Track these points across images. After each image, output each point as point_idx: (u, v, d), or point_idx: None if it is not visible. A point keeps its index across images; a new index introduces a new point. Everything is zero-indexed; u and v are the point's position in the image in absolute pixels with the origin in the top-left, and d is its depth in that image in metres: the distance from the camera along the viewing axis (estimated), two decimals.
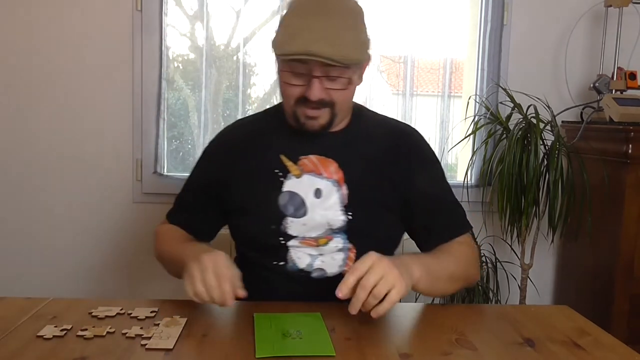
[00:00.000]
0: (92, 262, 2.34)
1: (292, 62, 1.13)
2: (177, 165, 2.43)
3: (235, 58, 2.38)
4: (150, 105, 2.28)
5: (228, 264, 1.03)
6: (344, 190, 1.22)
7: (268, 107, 1.40)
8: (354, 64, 1.14)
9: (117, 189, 2.31)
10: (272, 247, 1.22)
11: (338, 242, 1.22)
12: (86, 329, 0.98)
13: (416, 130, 1.36)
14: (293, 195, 1.21)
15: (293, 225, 1.21)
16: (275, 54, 1.16)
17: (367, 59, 1.19)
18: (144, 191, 2.32)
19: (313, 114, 1.17)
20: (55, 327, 0.99)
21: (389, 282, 0.96)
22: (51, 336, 0.95)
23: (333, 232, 1.21)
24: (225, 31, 2.38)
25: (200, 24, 2.33)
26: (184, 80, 2.41)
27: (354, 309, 0.96)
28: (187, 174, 2.34)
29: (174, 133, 2.43)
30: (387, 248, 1.29)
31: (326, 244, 1.21)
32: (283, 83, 1.18)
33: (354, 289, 0.96)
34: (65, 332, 0.97)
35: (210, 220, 1.34)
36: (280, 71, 1.17)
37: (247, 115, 1.52)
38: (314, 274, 1.21)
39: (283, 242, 1.21)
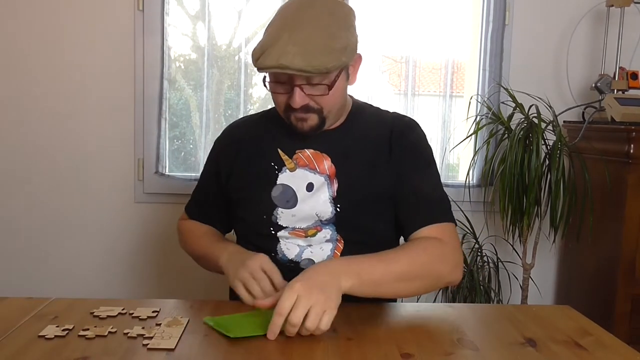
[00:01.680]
0: (93, 261, 2.34)
1: (272, 72, 1.17)
2: (179, 165, 2.43)
3: (236, 58, 2.38)
4: (152, 105, 2.29)
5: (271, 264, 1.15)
6: (335, 185, 1.25)
7: (270, 106, 1.42)
8: (328, 71, 1.14)
9: (119, 189, 2.32)
10: (264, 238, 1.26)
11: (326, 232, 1.24)
12: (88, 329, 0.98)
13: (408, 117, 1.35)
14: (286, 188, 1.25)
15: (283, 216, 1.25)
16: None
17: (349, 61, 1.18)
18: (146, 191, 2.32)
19: (301, 117, 1.21)
20: (57, 327, 0.99)
21: (318, 312, 0.95)
22: (53, 336, 0.95)
23: (322, 223, 1.24)
24: (227, 31, 2.38)
25: (201, 24, 2.33)
26: (185, 80, 2.41)
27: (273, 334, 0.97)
28: (188, 174, 2.37)
29: (176, 133, 2.43)
30: (376, 239, 1.26)
31: (315, 234, 1.24)
32: (271, 91, 1.22)
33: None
34: (66, 332, 0.97)
35: (224, 212, 1.39)
36: (268, 81, 1.21)
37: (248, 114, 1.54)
38: (303, 264, 1.23)
39: (273, 232, 1.25)
